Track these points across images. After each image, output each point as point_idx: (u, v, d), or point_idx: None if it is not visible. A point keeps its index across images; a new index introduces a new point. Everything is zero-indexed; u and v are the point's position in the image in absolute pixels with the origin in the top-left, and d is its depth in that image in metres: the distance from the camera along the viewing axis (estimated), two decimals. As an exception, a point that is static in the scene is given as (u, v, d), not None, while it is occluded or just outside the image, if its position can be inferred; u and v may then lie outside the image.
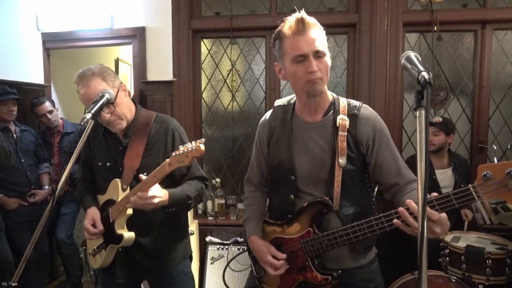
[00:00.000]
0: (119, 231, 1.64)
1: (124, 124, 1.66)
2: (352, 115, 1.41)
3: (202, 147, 1.39)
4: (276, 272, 1.44)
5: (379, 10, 3.03)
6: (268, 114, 1.59)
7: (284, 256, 1.45)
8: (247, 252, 1.71)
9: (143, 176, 1.54)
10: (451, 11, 3.11)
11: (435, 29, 3.02)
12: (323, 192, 1.40)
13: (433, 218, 1.10)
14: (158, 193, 1.52)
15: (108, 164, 1.72)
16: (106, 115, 1.59)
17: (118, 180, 1.67)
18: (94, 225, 1.70)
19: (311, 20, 1.34)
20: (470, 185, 1.11)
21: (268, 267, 1.46)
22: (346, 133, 1.38)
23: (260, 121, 1.62)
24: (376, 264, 1.51)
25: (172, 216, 1.73)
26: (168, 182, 1.63)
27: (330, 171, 1.39)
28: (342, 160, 1.36)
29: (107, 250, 1.69)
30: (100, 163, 1.74)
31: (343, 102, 1.45)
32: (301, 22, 1.31)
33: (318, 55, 1.32)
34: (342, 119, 1.39)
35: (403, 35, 3.12)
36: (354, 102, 1.45)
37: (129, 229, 1.65)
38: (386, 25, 3.04)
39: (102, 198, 1.76)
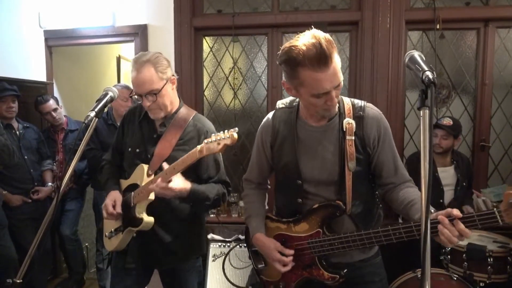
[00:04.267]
0: (139, 215, 1.67)
1: (162, 114, 1.72)
2: (358, 117, 1.40)
3: (235, 135, 1.39)
4: (284, 269, 1.45)
5: (381, 8, 3.03)
6: (270, 116, 1.56)
7: (291, 252, 1.46)
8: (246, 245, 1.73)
9: (166, 165, 1.59)
10: (454, 9, 3.10)
11: (438, 27, 3.01)
12: (333, 194, 1.41)
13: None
14: (179, 186, 1.56)
15: (137, 150, 1.77)
16: (147, 102, 1.65)
17: (144, 165, 1.71)
18: (114, 207, 1.73)
19: (330, 46, 1.20)
20: (495, 209, 1.12)
21: (277, 264, 1.46)
22: (353, 137, 1.38)
23: (262, 122, 1.59)
24: (380, 258, 1.53)
25: (193, 213, 1.77)
26: (195, 182, 1.68)
27: (339, 175, 1.39)
28: (351, 165, 1.37)
29: (124, 232, 1.73)
30: (130, 149, 1.80)
31: (347, 103, 1.43)
32: (323, 54, 1.18)
33: (338, 86, 1.27)
34: (348, 123, 1.38)
35: (406, 33, 3.11)
36: (358, 102, 1.44)
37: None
38: (389, 23, 3.03)
39: (125, 183, 1.80)
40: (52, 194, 3.15)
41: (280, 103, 1.56)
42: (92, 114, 1.39)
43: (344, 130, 1.38)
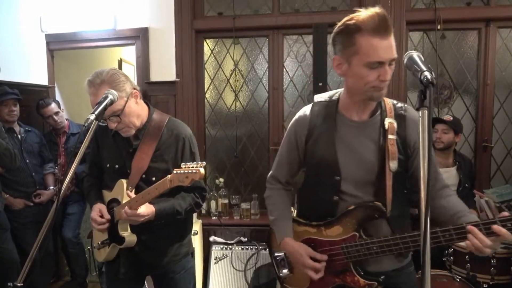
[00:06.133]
0: (121, 233, 1.66)
1: (132, 131, 1.67)
2: (400, 116, 1.35)
3: (202, 171, 1.40)
4: (317, 276, 1.37)
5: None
6: (307, 111, 1.48)
7: (325, 257, 1.38)
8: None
9: (130, 194, 1.60)
10: (455, 9, 3.09)
11: (439, 27, 3.00)
12: (371, 195, 1.35)
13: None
14: (145, 212, 1.57)
15: (116, 166, 1.73)
16: (112, 124, 1.60)
17: (124, 181, 1.68)
18: (101, 216, 1.71)
19: (390, 21, 1.20)
20: None
21: (309, 270, 1.38)
22: (395, 136, 1.32)
23: (298, 116, 1.50)
24: (413, 267, 1.46)
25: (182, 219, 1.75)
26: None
27: (378, 174, 1.33)
28: (393, 164, 1.31)
29: (110, 247, 1.72)
30: (108, 165, 1.75)
31: (388, 102, 1.39)
32: (384, 21, 1.18)
33: (392, 62, 1.23)
34: (390, 122, 1.33)
35: (407, 33, 3.10)
36: (399, 103, 1.40)
37: (134, 227, 1.66)
38: (389, 24, 3.03)
39: (108, 195, 1.78)
40: (54, 198, 3.16)
41: (318, 97, 1.49)
42: (92, 117, 1.38)
43: (386, 128, 1.32)
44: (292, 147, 1.50)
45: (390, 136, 1.31)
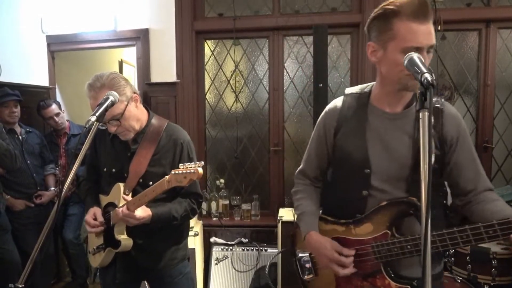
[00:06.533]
0: (117, 236, 1.65)
1: (131, 134, 1.67)
2: (437, 110, 1.28)
3: (200, 170, 1.40)
4: (344, 272, 1.29)
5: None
6: (338, 103, 1.42)
7: (352, 252, 1.30)
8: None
9: (126, 197, 1.60)
10: (455, 10, 3.09)
11: (439, 28, 3.00)
12: (403, 192, 1.27)
13: None
14: (141, 215, 1.57)
15: (113, 170, 1.72)
16: (112, 128, 1.60)
17: (121, 184, 1.67)
18: (95, 219, 1.71)
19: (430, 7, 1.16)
20: None
21: (335, 265, 1.30)
22: (432, 130, 1.25)
23: (327, 108, 1.45)
24: (443, 279, 1.39)
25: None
26: (170, 191, 1.62)
27: (412, 169, 1.25)
28: None
29: (105, 252, 1.71)
30: (105, 169, 1.75)
31: None
32: (424, 5, 1.13)
33: (430, 49, 1.16)
34: None
35: (407, 34, 3.10)
36: (435, 97, 1.32)
37: (130, 231, 1.66)
38: (390, 25, 3.03)
39: (105, 199, 1.77)
40: (55, 199, 3.16)
41: (349, 90, 1.43)
42: (93, 118, 1.38)
43: None
44: (321, 140, 1.45)
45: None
